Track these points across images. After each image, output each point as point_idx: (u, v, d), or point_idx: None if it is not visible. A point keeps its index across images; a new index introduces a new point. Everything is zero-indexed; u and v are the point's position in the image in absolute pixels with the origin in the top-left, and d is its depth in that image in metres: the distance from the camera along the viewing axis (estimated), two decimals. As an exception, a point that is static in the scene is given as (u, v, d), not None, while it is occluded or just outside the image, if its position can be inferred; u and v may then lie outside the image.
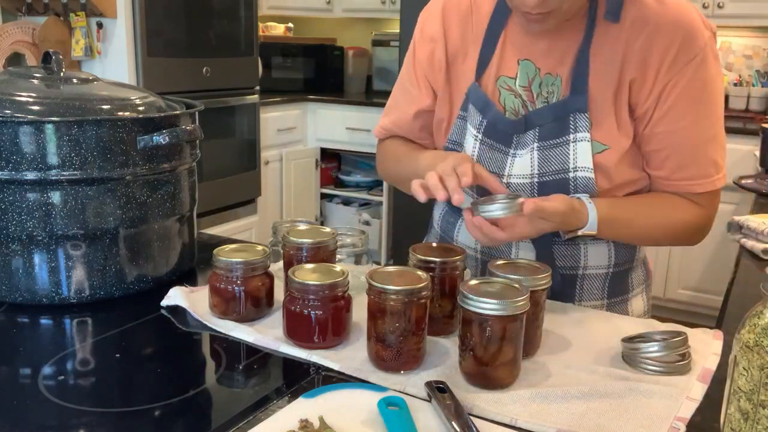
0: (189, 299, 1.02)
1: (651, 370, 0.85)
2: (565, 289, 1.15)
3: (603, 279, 1.17)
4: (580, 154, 1.06)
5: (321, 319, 0.88)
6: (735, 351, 0.63)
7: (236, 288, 0.96)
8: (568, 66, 1.07)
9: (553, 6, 0.97)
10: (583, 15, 1.05)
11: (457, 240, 1.25)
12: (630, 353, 0.87)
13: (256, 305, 0.98)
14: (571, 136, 1.06)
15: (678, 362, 0.85)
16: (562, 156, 1.07)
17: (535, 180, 1.09)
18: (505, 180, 1.10)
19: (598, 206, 1.04)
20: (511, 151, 1.11)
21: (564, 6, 0.98)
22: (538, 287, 0.88)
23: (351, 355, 0.87)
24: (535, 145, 1.08)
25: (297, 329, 0.89)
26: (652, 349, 0.85)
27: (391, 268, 0.88)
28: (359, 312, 0.94)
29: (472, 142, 1.13)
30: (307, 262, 0.98)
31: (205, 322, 0.97)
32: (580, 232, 1.03)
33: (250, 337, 0.92)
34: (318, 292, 0.87)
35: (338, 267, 0.93)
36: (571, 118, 1.06)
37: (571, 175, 1.07)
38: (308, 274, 0.90)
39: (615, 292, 1.19)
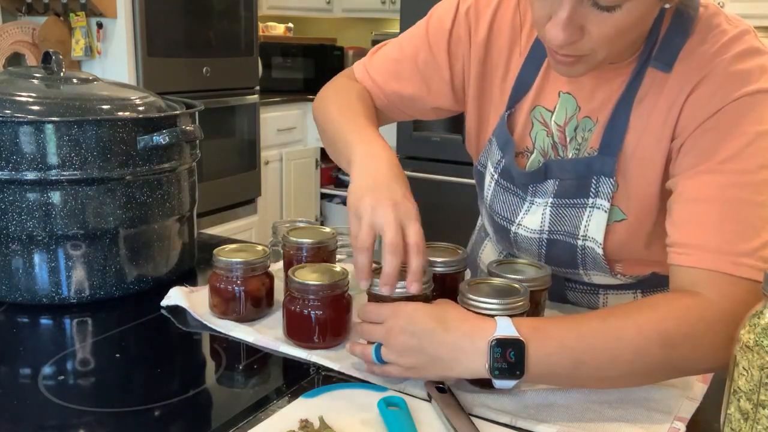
0: (189, 299, 1.02)
1: None
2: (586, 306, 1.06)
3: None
4: (593, 224, 0.93)
5: (321, 319, 0.88)
6: (735, 351, 0.63)
7: (236, 288, 0.96)
8: (607, 114, 0.91)
9: (584, 51, 0.81)
10: (635, 59, 0.89)
11: (481, 258, 1.21)
12: None
13: (256, 305, 0.98)
14: (590, 200, 0.93)
15: None
16: (575, 219, 0.94)
17: (545, 236, 0.98)
18: (514, 229, 1.01)
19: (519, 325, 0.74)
20: (528, 198, 1.00)
21: (599, 55, 0.82)
22: (538, 287, 0.88)
23: (349, 363, 0.87)
24: (550, 200, 0.96)
25: (297, 329, 0.89)
26: None
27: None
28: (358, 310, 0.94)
29: (488, 180, 1.03)
30: (307, 262, 0.98)
31: (205, 322, 0.97)
32: (490, 338, 0.73)
33: (250, 337, 0.92)
34: (318, 292, 0.87)
35: (338, 267, 0.93)
36: (594, 180, 0.92)
37: (579, 242, 0.95)
38: (308, 274, 0.90)
39: None
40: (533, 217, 0.99)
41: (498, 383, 0.74)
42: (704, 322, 0.74)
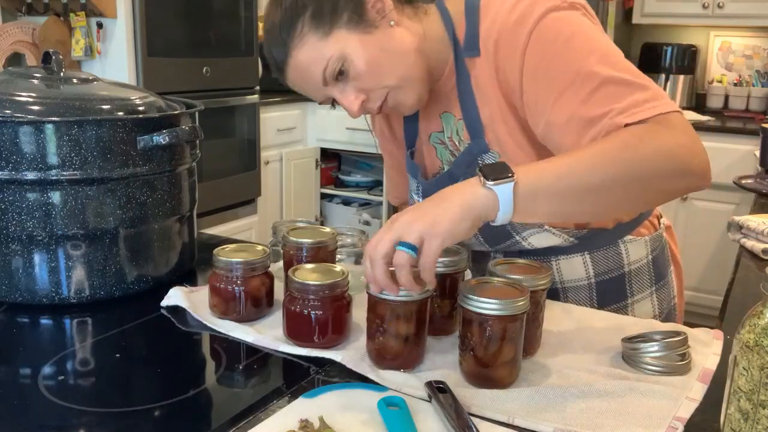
0: (189, 299, 1.02)
1: (651, 371, 0.85)
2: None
3: (587, 289, 1.13)
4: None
5: (321, 319, 0.88)
6: (735, 351, 0.63)
7: (236, 288, 0.96)
8: (459, 108, 1.06)
9: (376, 101, 1.00)
10: (451, 60, 1.04)
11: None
12: (630, 353, 0.87)
13: (256, 305, 0.98)
14: None
15: (678, 362, 0.85)
16: None
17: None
18: None
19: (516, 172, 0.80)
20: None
21: (393, 83, 0.99)
22: (538, 287, 0.88)
23: (351, 354, 0.87)
24: None
25: (297, 329, 0.89)
26: (652, 349, 0.85)
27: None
28: (359, 312, 0.94)
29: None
30: (307, 262, 0.98)
31: (205, 322, 0.97)
32: (498, 218, 0.80)
33: (250, 337, 0.92)
34: (318, 292, 0.87)
35: (338, 267, 0.93)
36: (479, 160, 1.05)
37: None
38: (308, 274, 0.90)
39: (607, 301, 1.13)
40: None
41: (496, 188, 0.78)
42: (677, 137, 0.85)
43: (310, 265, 0.94)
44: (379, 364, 0.84)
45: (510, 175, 0.79)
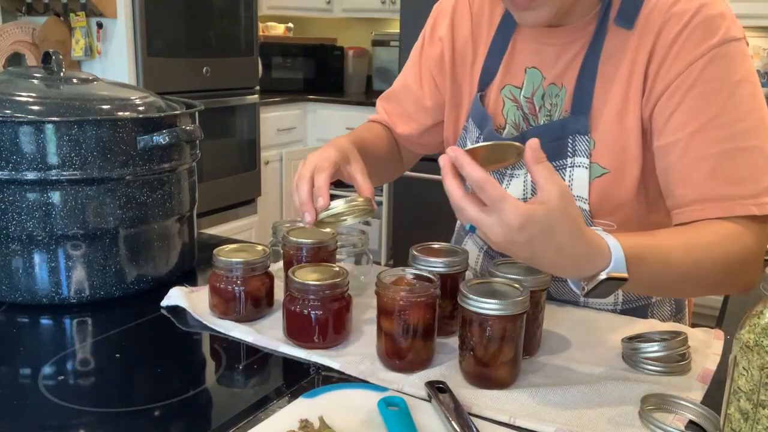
0: (189, 299, 1.02)
1: (651, 371, 0.85)
2: None
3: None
4: (576, 182, 0.95)
5: (321, 319, 0.88)
6: (735, 351, 0.63)
7: (236, 288, 0.96)
8: (573, 76, 0.96)
9: None
10: (592, 19, 0.95)
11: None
12: (630, 353, 0.87)
13: (256, 305, 0.98)
14: (569, 160, 0.96)
15: (678, 362, 0.85)
16: None
17: None
18: None
19: (619, 239, 0.77)
20: (508, 171, 1.03)
21: None
22: (538, 287, 0.88)
23: (351, 355, 0.87)
24: None
25: (297, 329, 0.89)
26: (652, 349, 0.85)
27: (400, 269, 0.88)
28: (358, 312, 0.95)
29: None
30: (307, 262, 0.98)
31: (205, 322, 0.97)
32: (603, 275, 0.75)
33: (250, 337, 0.92)
34: (318, 292, 0.87)
35: (338, 267, 0.93)
36: (570, 140, 0.95)
37: None
38: (308, 274, 0.90)
39: (631, 298, 1.08)
40: (515, 188, 1.01)
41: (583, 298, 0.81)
42: (748, 253, 0.86)
43: (310, 265, 0.94)
44: (391, 365, 0.84)
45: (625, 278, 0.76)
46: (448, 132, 1.16)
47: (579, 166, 0.95)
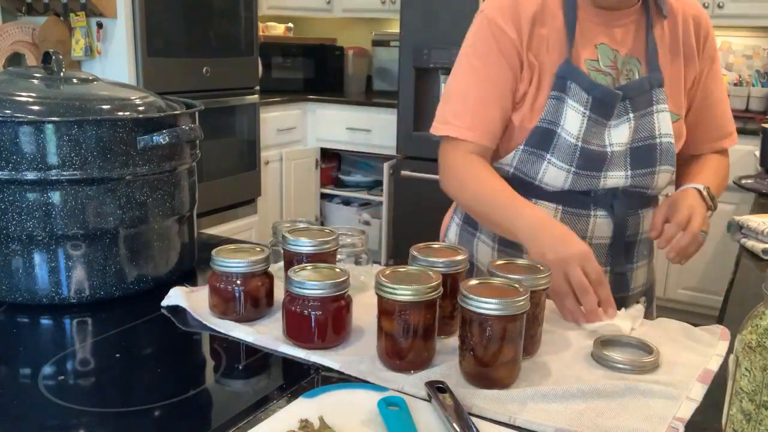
0: (189, 299, 1.02)
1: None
2: None
3: (606, 248, 1.25)
4: (663, 123, 1.22)
5: (321, 319, 0.88)
6: (737, 352, 0.63)
7: (236, 288, 0.96)
8: (640, 49, 1.23)
9: None
10: (640, 8, 1.23)
11: (477, 258, 1.30)
12: (599, 355, 0.88)
13: (256, 305, 0.98)
14: (654, 107, 1.22)
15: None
16: (650, 125, 1.22)
17: (629, 146, 1.22)
18: (608, 149, 1.21)
19: (701, 181, 1.23)
20: (611, 123, 1.22)
21: None
22: (538, 287, 0.88)
23: (351, 355, 0.87)
24: (631, 115, 1.22)
25: (297, 329, 0.89)
26: (619, 366, 0.86)
27: (401, 269, 0.88)
28: (358, 312, 0.94)
29: (579, 119, 1.20)
30: (308, 262, 0.98)
31: (205, 322, 0.97)
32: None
33: (250, 337, 0.92)
34: (318, 292, 0.87)
35: (338, 267, 0.93)
36: (654, 92, 1.22)
37: (657, 141, 1.22)
38: (308, 274, 0.90)
39: (618, 262, 1.26)
40: (620, 134, 1.22)
41: None
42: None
43: (310, 265, 0.94)
44: (391, 365, 0.84)
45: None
46: (528, 109, 1.21)
47: (662, 111, 1.23)
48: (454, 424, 0.70)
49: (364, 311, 0.99)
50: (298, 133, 4.12)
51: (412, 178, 3.52)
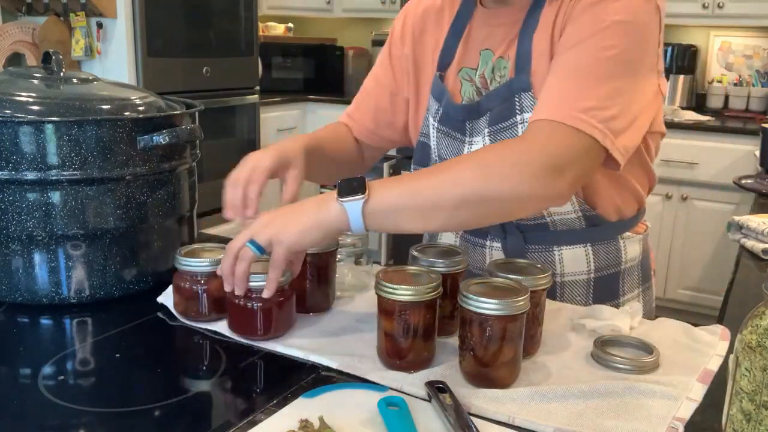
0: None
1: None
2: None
3: (585, 285, 1.13)
4: None
5: (265, 310, 0.90)
6: (737, 352, 0.63)
7: (199, 288, 0.96)
8: (514, 47, 1.05)
9: None
10: (528, 2, 1.04)
11: (441, 239, 1.24)
12: (599, 355, 0.88)
13: (218, 305, 0.97)
14: (518, 117, 1.03)
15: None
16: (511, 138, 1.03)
17: None
18: None
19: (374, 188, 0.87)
20: (467, 139, 1.10)
21: None
22: (538, 287, 0.88)
23: (351, 355, 0.87)
24: (486, 130, 1.07)
25: (241, 323, 0.92)
26: (619, 366, 0.86)
27: (399, 268, 0.89)
28: (358, 311, 0.95)
29: (432, 132, 1.15)
30: (309, 264, 0.98)
31: (205, 324, 0.97)
32: (352, 229, 0.87)
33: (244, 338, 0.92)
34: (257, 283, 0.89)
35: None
36: (516, 98, 1.03)
37: None
38: (252, 268, 0.91)
39: (601, 298, 1.13)
40: (476, 149, 1.05)
41: (346, 204, 0.85)
42: (523, 154, 0.88)
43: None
44: (391, 364, 0.84)
45: (361, 193, 0.85)
46: (412, 122, 1.22)
47: (528, 121, 0.99)
48: (454, 424, 0.70)
49: (363, 311, 0.99)
50: (298, 133, 4.12)
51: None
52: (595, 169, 0.97)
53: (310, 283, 1.00)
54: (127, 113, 1.05)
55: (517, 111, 1.03)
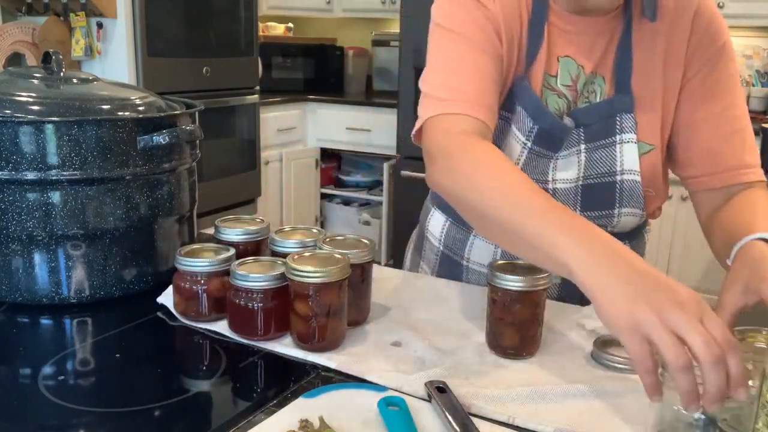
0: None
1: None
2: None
3: None
4: (627, 156, 1.02)
5: (266, 310, 0.89)
6: (766, 363, 0.62)
7: (198, 288, 0.96)
8: (609, 65, 1.03)
9: None
10: (620, 12, 1.02)
11: (470, 258, 1.19)
12: (599, 355, 0.89)
13: (218, 305, 0.97)
14: (617, 137, 1.02)
15: None
16: (608, 158, 1.03)
17: (580, 183, 1.05)
18: (550, 186, 1.06)
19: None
20: (556, 154, 1.05)
21: None
22: (538, 287, 0.88)
23: (345, 359, 0.87)
24: (582, 146, 1.03)
25: (241, 323, 0.91)
26: (619, 366, 0.87)
27: (310, 253, 0.92)
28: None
29: (518, 149, 1.04)
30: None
31: (205, 324, 0.97)
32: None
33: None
34: (261, 284, 0.89)
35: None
36: (617, 118, 1.02)
37: (618, 178, 1.03)
38: (251, 267, 0.91)
39: None
40: (567, 165, 1.05)
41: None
42: None
43: (254, 259, 0.95)
44: (301, 345, 0.88)
45: None
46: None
47: (628, 142, 1.02)
48: (454, 424, 0.70)
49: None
50: (298, 133, 4.12)
51: (412, 178, 3.52)
52: None
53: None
54: (127, 113, 1.05)
55: (617, 131, 1.03)
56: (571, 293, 1.13)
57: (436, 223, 1.24)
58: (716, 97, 1.03)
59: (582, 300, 1.12)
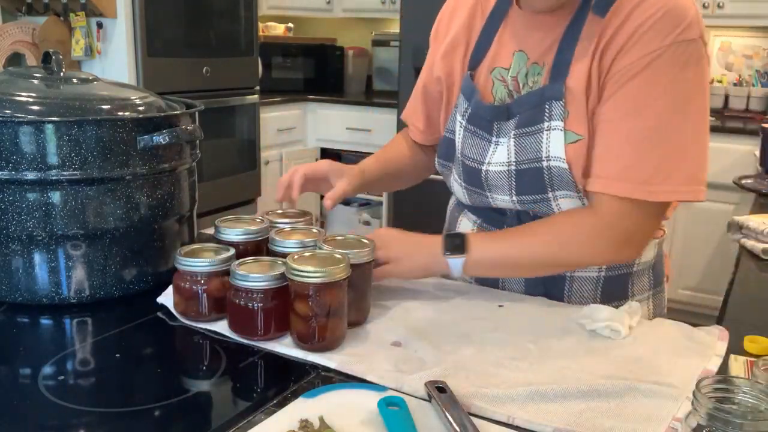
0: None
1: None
2: (552, 289, 1.14)
3: (594, 283, 1.13)
4: (553, 143, 1.03)
5: (266, 310, 0.90)
6: None
7: (198, 288, 0.96)
8: (552, 55, 1.05)
9: None
10: (575, 6, 1.04)
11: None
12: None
13: (218, 305, 0.97)
14: (545, 124, 1.04)
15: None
16: (536, 144, 1.05)
17: (513, 168, 1.08)
18: (484, 168, 1.12)
19: (473, 246, 1.05)
20: (493, 139, 1.11)
21: None
22: (362, 260, 0.94)
23: (349, 355, 0.87)
24: (512, 132, 1.08)
25: (241, 323, 0.91)
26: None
27: (310, 253, 0.93)
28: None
29: (458, 130, 1.16)
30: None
31: (205, 324, 0.97)
32: (452, 275, 1.08)
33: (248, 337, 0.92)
34: (261, 284, 0.89)
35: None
36: (546, 105, 1.04)
37: (545, 164, 1.05)
38: (251, 267, 0.91)
39: (610, 298, 1.13)
40: (500, 153, 1.10)
41: (450, 260, 1.05)
42: (595, 230, 1.04)
43: (253, 259, 0.95)
44: (300, 345, 0.88)
45: (461, 252, 1.05)
46: (442, 116, 1.23)
47: (555, 129, 1.04)
48: (454, 424, 0.70)
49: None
50: (298, 133, 4.12)
51: (412, 178, 3.52)
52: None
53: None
54: (127, 113, 1.05)
55: (546, 118, 1.04)
56: (580, 291, 1.13)
57: (464, 228, 1.27)
58: (621, 104, 1.00)
59: (592, 298, 1.13)
